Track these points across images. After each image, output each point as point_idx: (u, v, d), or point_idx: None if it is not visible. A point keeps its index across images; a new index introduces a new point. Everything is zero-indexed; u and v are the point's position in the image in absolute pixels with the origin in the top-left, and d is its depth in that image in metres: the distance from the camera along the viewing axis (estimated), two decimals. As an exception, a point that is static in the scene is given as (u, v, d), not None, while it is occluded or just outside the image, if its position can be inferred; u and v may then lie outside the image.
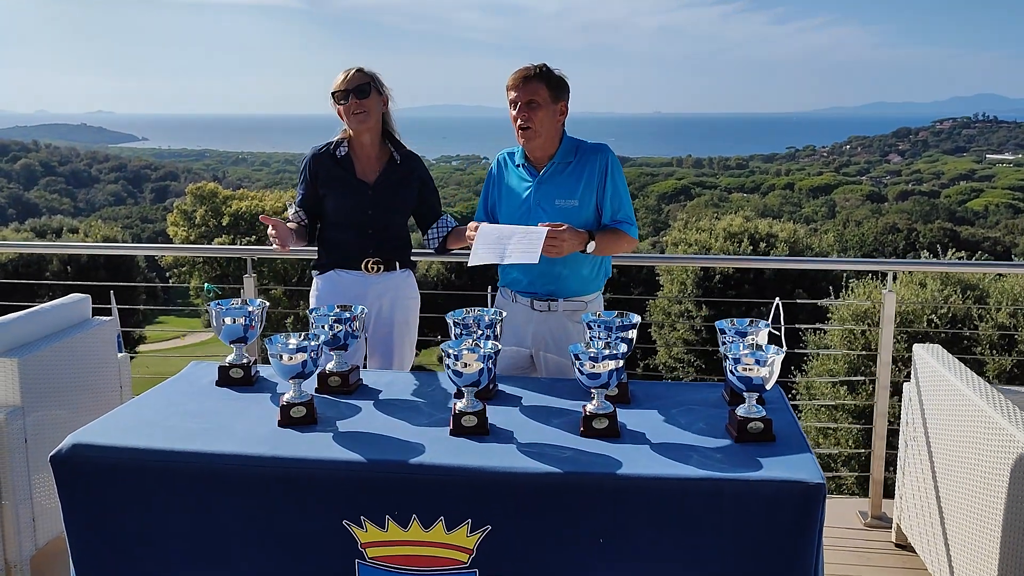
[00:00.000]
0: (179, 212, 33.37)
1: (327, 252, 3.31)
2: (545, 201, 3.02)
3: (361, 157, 3.27)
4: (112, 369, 3.60)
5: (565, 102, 3.03)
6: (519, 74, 2.96)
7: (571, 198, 3.00)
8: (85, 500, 2.20)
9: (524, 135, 2.98)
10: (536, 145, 3.02)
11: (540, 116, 2.95)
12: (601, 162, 3.02)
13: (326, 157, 3.26)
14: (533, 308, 3.09)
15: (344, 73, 3.20)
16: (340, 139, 3.28)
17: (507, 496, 2.06)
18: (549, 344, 3.08)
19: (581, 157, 3.03)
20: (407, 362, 3.42)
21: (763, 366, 2.20)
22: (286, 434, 2.27)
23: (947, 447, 2.94)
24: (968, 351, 10.33)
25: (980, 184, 76.07)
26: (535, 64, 2.98)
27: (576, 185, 3.01)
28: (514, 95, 2.97)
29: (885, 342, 3.72)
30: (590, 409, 2.27)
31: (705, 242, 18.45)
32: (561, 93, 3.01)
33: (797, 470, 2.06)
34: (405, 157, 3.31)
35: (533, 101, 2.94)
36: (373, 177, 3.26)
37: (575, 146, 3.06)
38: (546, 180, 3.04)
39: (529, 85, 2.94)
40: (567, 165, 3.03)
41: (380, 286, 3.28)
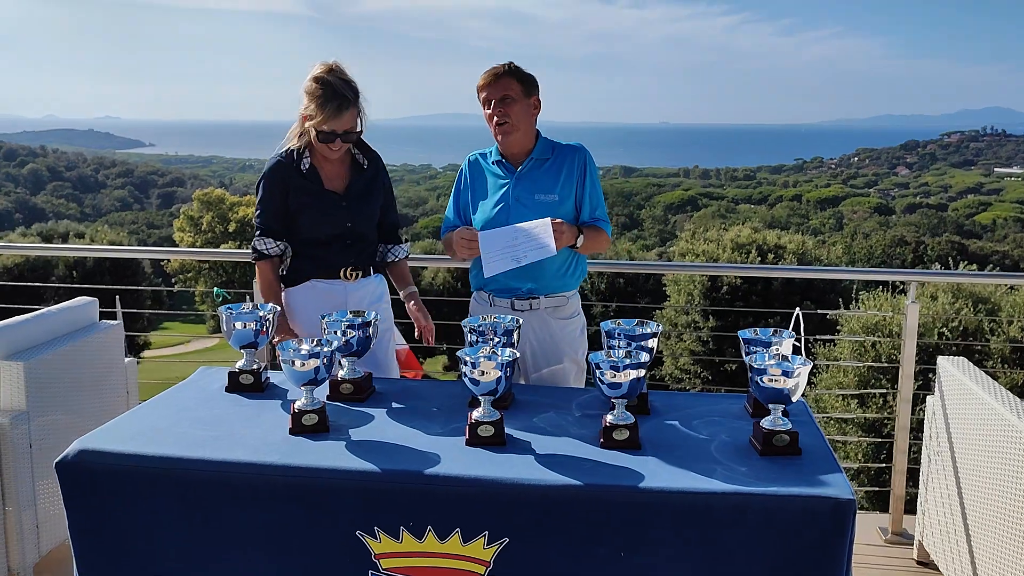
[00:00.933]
0: (185, 218, 33.47)
1: (302, 265, 3.07)
2: (524, 196, 3.03)
3: (325, 165, 3.04)
4: (119, 373, 3.54)
5: (537, 96, 3.06)
6: (489, 73, 3.00)
7: (551, 193, 3.03)
8: (90, 507, 2.14)
9: (501, 130, 3.00)
10: (513, 140, 3.03)
11: (516, 110, 2.98)
12: (580, 160, 3.07)
13: (290, 170, 2.99)
14: (514, 308, 3.07)
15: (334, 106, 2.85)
16: (300, 148, 2.99)
17: (525, 508, 2.00)
18: (533, 343, 3.07)
19: (559, 154, 3.08)
20: (392, 367, 3.25)
21: (790, 377, 2.13)
22: (298, 442, 2.21)
23: (974, 462, 2.86)
24: (980, 364, 10.23)
25: (988, 197, 75.90)
26: (502, 63, 3.02)
27: (555, 181, 3.04)
28: (486, 94, 3.00)
29: (908, 354, 3.65)
30: (610, 420, 2.21)
31: (712, 253, 18.38)
32: (532, 88, 3.04)
33: (826, 485, 1.99)
34: (370, 161, 3.13)
35: (507, 96, 2.97)
36: (342, 185, 3.05)
37: (551, 144, 3.11)
38: (524, 176, 3.06)
39: (500, 82, 2.98)
40: (544, 161, 3.06)
41: (358, 293, 3.10)
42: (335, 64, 2.94)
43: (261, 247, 3.04)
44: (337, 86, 2.87)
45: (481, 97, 3.02)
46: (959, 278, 7.96)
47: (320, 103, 2.86)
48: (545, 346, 3.06)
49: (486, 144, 3.23)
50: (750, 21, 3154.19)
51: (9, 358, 3.01)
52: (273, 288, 3.07)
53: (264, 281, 3.07)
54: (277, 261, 3.09)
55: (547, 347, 3.07)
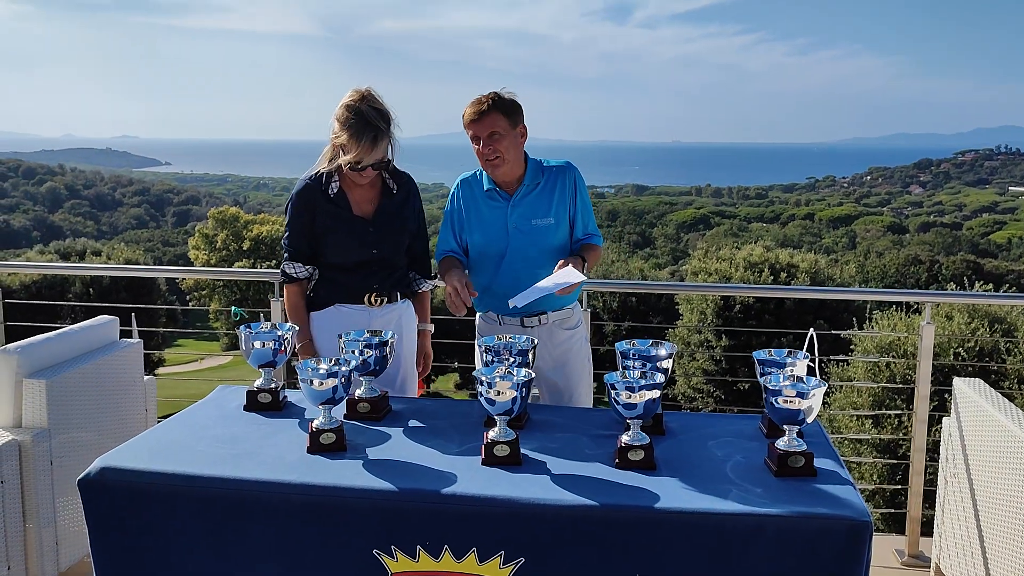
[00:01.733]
0: (200, 236, 33.68)
1: (327, 289, 3.06)
2: (522, 222, 3.08)
3: (354, 189, 3.02)
4: (138, 391, 3.58)
5: (523, 124, 3.08)
6: (474, 109, 2.99)
7: (546, 217, 3.08)
8: (112, 524, 2.17)
9: (491, 165, 3.03)
10: (504, 171, 3.06)
11: (504, 145, 3.00)
12: (569, 180, 3.13)
13: (318, 193, 2.97)
14: (524, 325, 3.13)
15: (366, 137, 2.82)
16: (330, 171, 2.97)
17: (541, 528, 2.01)
18: (544, 356, 3.13)
19: (548, 176, 3.12)
20: (412, 394, 3.25)
21: (805, 399, 2.14)
22: (315, 461, 2.23)
23: (991, 485, 2.85)
24: (996, 385, 10.16)
25: (1003, 216, 75.50)
26: (486, 95, 3.01)
27: (549, 204, 3.09)
28: (473, 131, 3.01)
29: (923, 375, 3.64)
30: (625, 440, 2.22)
31: (725, 272, 18.34)
32: (517, 117, 3.05)
33: (842, 506, 2.00)
34: (400, 186, 3.09)
35: (494, 133, 2.99)
36: (371, 209, 3.03)
37: (540, 167, 3.14)
38: (519, 203, 3.10)
39: (486, 119, 2.98)
40: (536, 186, 3.11)
41: (383, 319, 3.07)
42: (367, 91, 2.91)
43: (290, 271, 3.05)
44: (370, 116, 2.85)
45: (468, 133, 3.03)
46: (974, 299, 7.93)
47: (353, 134, 2.84)
48: (555, 356, 3.17)
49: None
50: (764, 41, 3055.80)
51: (32, 376, 3.05)
52: (299, 311, 3.06)
53: (291, 304, 3.07)
54: (305, 284, 3.08)
55: (557, 356, 3.17)
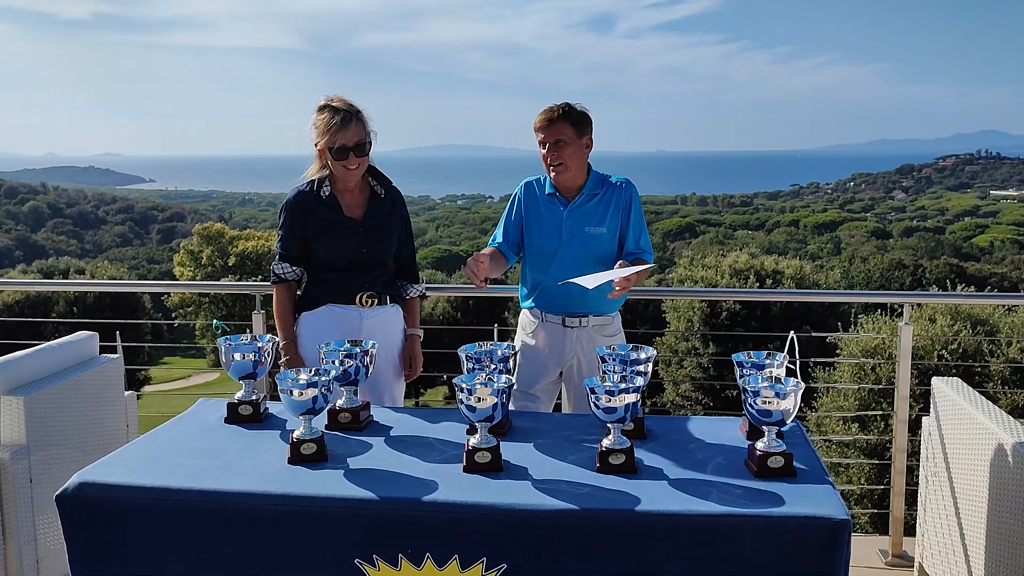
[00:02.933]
0: (186, 252, 33.56)
1: (319, 290, 3.17)
2: (576, 228, 3.22)
3: (345, 194, 3.16)
4: (119, 407, 3.56)
5: (589, 136, 3.23)
6: (544, 116, 3.16)
7: (600, 226, 3.22)
8: (91, 540, 2.15)
9: (555, 171, 3.19)
10: (567, 178, 3.22)
11: (568, 152, 3.16)
12: (626, 195, 3.26)
13: (311, 198, 3.12)
14: (565, 325, 3.24)
15: (340, 119, 2.99)
16: (321, 178, 3.13)
17: (523, 534, 2.02)
18: (580, 357, 3.25)
19: (607, 190, 3.26)
20: (398, 396, 3.32)
21: (783, 399, 2.15)
22: (296, 471, 2.23)
23: (970, 482, 2.87)
24: (980, 386, 10.23)
25: (985, 220, 76.16)
26: (558, 104, 3.17)
27: (604, 215, 3.23)
28: (542, 136, 3.18)
29: (903, 376, 3.67)
30: (606, 444, 2.23)
31: (711, 279, 18.40)
32: (584, 128, 3.20)
33: (820, 505, 2.01)
34: (388, 192, 3.23)
35: (560, 140, 3.15)
36: (360, 212, 3.16)
37: (601, 179, 3.29)
38: (576, 209, 3.24)
39: (554, 126, 3.14)
40: (594, 196, 3.25)
41: (373, 321, 3.17)
42: (334, 96, 3.11)
43: (279, 271, 3.19)
44: (338, 105, 3.05)
45: (537, 137, 3.19)
46: (954, 299, 7.99)
47: (326, 122, 3.02)
48: (591, 359, 3.21)
49: (484, 175, 3.33)
50: (746, 50, 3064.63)
51: (10, 393, 3.03)
52: (287, 311, 3.19)
53: (279, 304, 3.20)
54: (293, 286, 3.22)
55: (592, 359, 3.19)
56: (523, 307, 3.39)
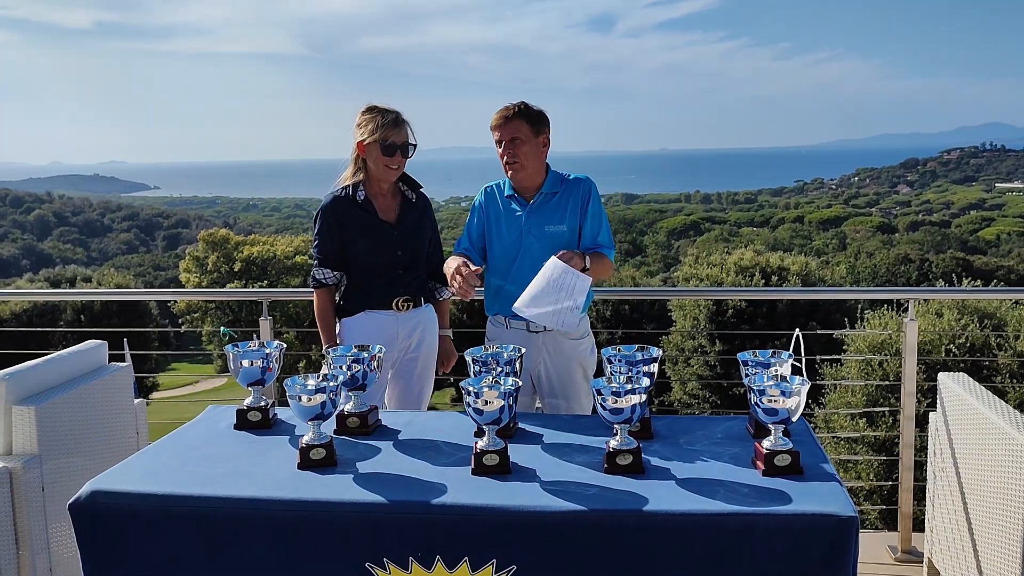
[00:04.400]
0: (191, 259, 33.62)
1: (357, 295, 3.27)
2: (536, 228, 3.20)
3: (378, 198, 3.28)
4: (129, 415, 3.58)
5: (546, 135, 3.21)
6: (500, 114, 3.15)
7: (560, 224, 3.20)
8: (104, 547, 2.17)
9: (512, 168, 3.17)
10: (523, 176, 3.20)
11: (524, 151, 3.14)
12: (583, 191, 3.23)
13: (347, 202, 3.23)
14: (530, 330, 3.21)
15: (391, 120, 3.13)
16: (355, 183, 3.25)
17: (532, 535, 2.03)
18: (548, 364, 3.22)
19: (566, 188, 3.24)
20: (428, 396, 3.45)
21: (789, 397, 2.16)
22: (306, 476, 2.24)
23: (978, 477, 2.88)
24: (988, 380, 10.20)
25: (991, 213, 75.91)
26: (514, 103, 3.16)
27: (563, 213, 3.21)
28: (498, 135, 3.16)
29: (908, 372, 3.67)
30: (613, 445, 2.24)
31: (716, 277, 18.39)
32: (541, 127, 3.18)
33: (827, 503, 2.02)
34: (418, 196, 3.36)
35: (516, 138, 3.13)
36: (394, 216, 3.28)
37: (560, 178, 3.26)
38: (535, 209, 3.22)
39: (510, 124, 3.13)
40: (553, 195, 3.23)
41: (410, 323, 3.30)
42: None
43: (319, 276, 3.28)
44: (386, 107, 3.18)
45: (494, 136, 3.17)
46: (959, 294, 7.97)
47: (379, 120, 3.14)
48: (559, 365, 3.21)
49: (487, 176, 3.37)
50: (748, 46, 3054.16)
51: (21, 403, 3.05)
52: (328, 316, 3.29)
53: (320, 309, 3.29)
54: (334, 290, 3.31)
55: (560, 366, 3.21)
56: (488, 315, 3.36)
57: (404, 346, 3.31)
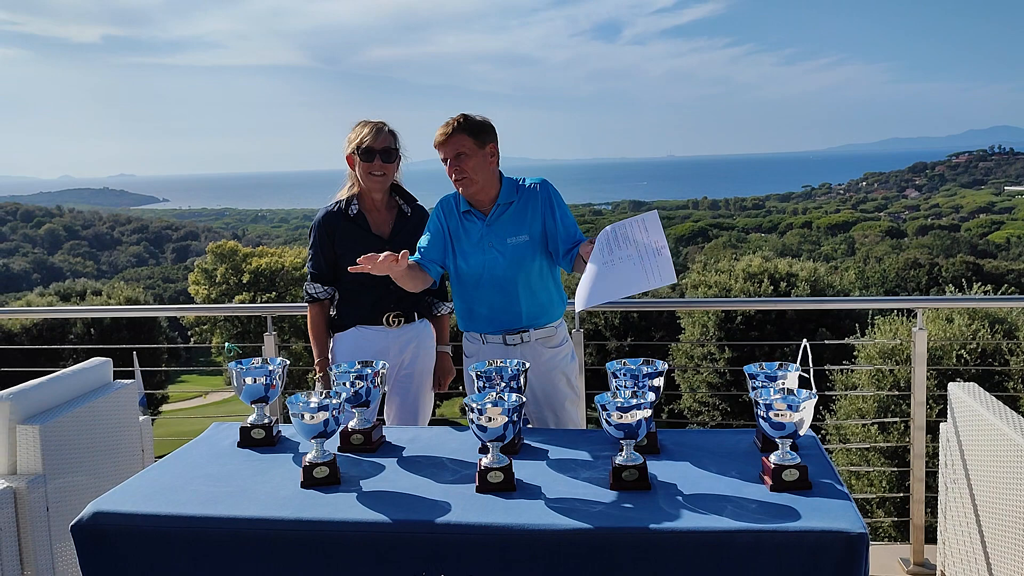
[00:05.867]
0: (200, 271, 33.71)
1: (348, 310, 3.28)
2: (497, 241, 3.09)
3: (372, 212, 3.27)
4: (134, 433, 3.57)
5: (493, 144, 3.08)
6: (441, 131, 3.03)
7: (521, 234, 3.09)
8: (107, 568, 2.15)
9: (461, 185, 3.06)
10: (475, 191, 3.08)
11: (471, 165, 3.02)
12: (543, 196, 3.12)
13: (339, 216, 3.24)
14: (506, 343, 3.13)
15: (371, 127, 3.16)
16: (350, 196, 3.26)
17: (537, 554, 2.01)
18: (529, 375, 3.10)
19: (523, 195, 3.13)
20: (428, 412, 3.42)
21: (796, 411, 2.14)
22: (309, 495, 2.23)
23: (990, 489, 2.84)
24: (1000, 386, 10.12)
25: (1000, 216, 75.57)
26: (453, 117, 3.04)
27: (523, 222, 3.10)
28: (442, 153, 3.04)
29: (918, 381, 3.63)
30: (619, 461, 2.22)
31: (725, 283, 18.33)
32: (486, 137, 3.05)
33: (837, 519, 1.99)
34: (414, 210, 3.33)
35: (460, 153, 3.01)
36: (387, 230, 3.26)
37: (515, 186, 3.15)
38: (494, 222, 3.11)
39: (452, 140, 3.00)
40: (510, 205, 3.11)
41: (402, 338, 3.28)
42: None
43: (312, 291, 3.30)
44: (371, 120, 3.22)
45: (439, 155, 3.06)
46: (966, 303, 7.89)
47: (360, 128, 3.18)
48: (541, 375, 3.14)
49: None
50: (753, 52, 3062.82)
51: (25, 422, 3.05)
52: (320, 330, 3.30)
53: (313, 323, 3.30)
54: (327, 304, 3.32)
55: (542, 376, 3.14)
56: (463, 332, 3.24)
57: (398, 362, 3.29)
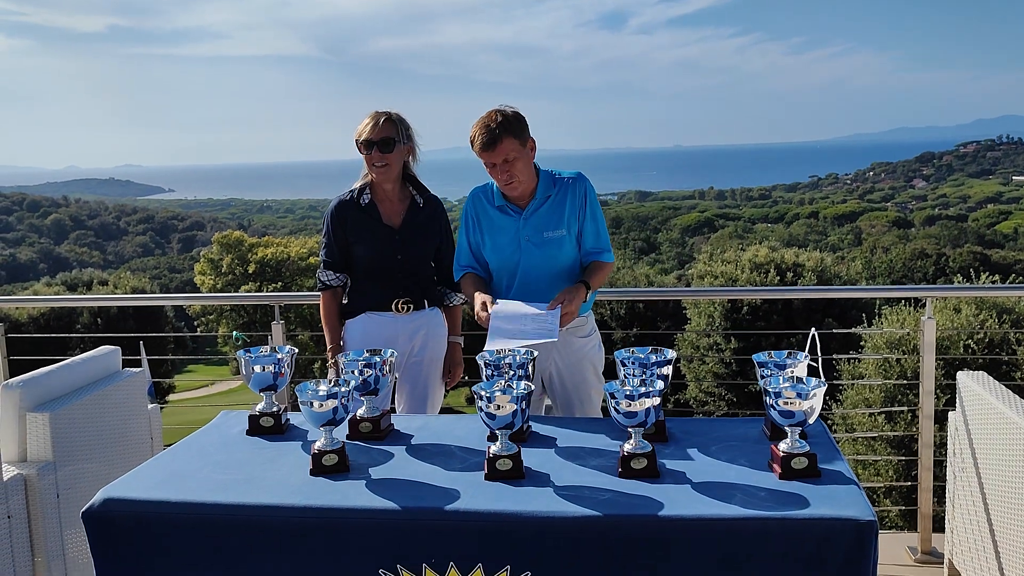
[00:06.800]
0: (206, 261, 33.76)
1: (358, 298, 3.31)
2: (534, 235, 3.07)
3: (384, 202, 3.28)
4: (143, 420, 3.59)
5: (531, 139, 3.02)
6: (482, 137, 2.91)
7: (558, 229, 3.06)
8: (118, 555, 2.17)
9: (509, 188, 3.02)
10: (521, 190, 3.05)
11: (519, 167, 2.97)
12: (580, 190, 3.09)
13: (351, 205, 3.26)
14: None
15: (372, 119, 3.16)
16: (363, 185, 3.28)
17: (546, 541, 2.01)
18: (558, 363, 3.15)
19: (560, 189, 3.09)
20: (438, 400, 3.43)
21: (805, 400, 2.13)
22: (318, 483, 2.23)
23: (999, 478, 2.84)
24: (1008, 376, 10.10)
25: (1008, 206, 75.25)
26: (493, 119, 2.93)
27: (560, 216, 3.07)
28: (487, 158, 2.95)
29: (927, 370, 3.63)
30: (628, 449, 2.22)
31: (731, 274, 18.31)
32: (525, 134, 2.99)
33: (846, 507, 1.98)
34: (427, 201, 3.33)
35: (508, 158, 2.94)
36: (398, 220, 3.27)
37: (551, 179, 3.11)
38: (530, 216, 3.08)
39: (498, 146, 2.91)
40: (547, 199, 3.08)
41: (411, 326, 3.29)
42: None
43: (324, 278, 3.33)
44: (379, 111, 3.20)
45: (481, 158, 2.97)
46: (976, 292, 7.90)
47: (365, 120, 3.18)
48: (570, 364, 3.15)
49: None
50: (760, 42, 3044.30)
51: (35, 410, 3.06)
52: (332, 317, 3.33)
53: (326, 311, 3.33)
54: (339, 291, 3.35)
55: (572, 365, 3.15)
56: None
57: (407, 349, 3.30)
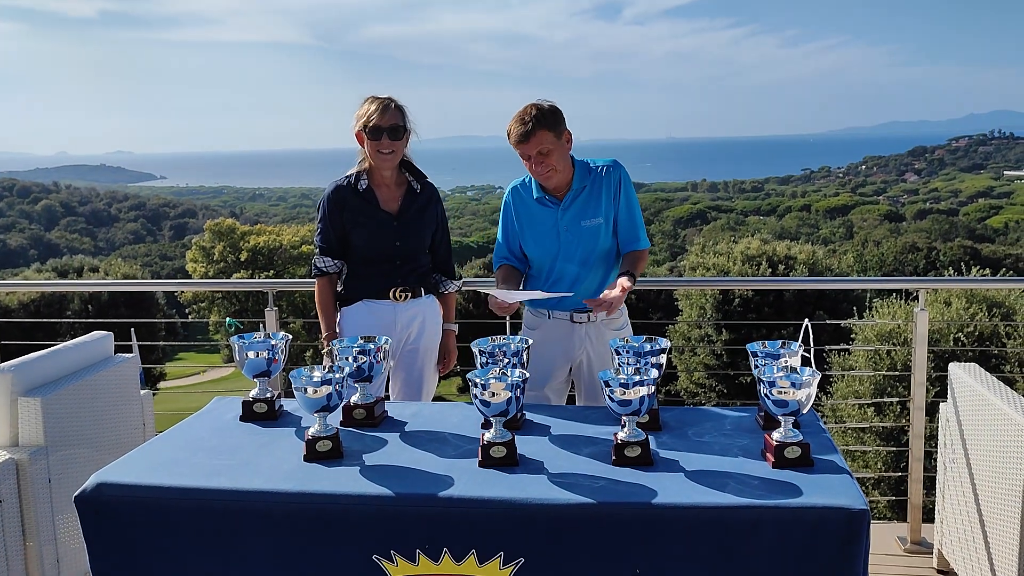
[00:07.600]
0: (198, 248, 33.68)
1: (355, 285, 3.28)
2: (572, 225, 3.13)
3: (382, 187, 3.26)
4: (135, 406, 3.57)
5: (567, 131, 3.06)
6: (518, 128, 2.96)
7: (596, 217, 3.13)
8: (110, 540, 2.16)
9: (546, 180, 3.07)
10: (558, 181, 3.11)
11: (555, 158, 3.02)
12: (615, 178, 3.15)
13: (348, 191, 3.23)
14: (573, 321, 3.18)
15: (379, 104, 3.13)
16: (359, 171, 3.25)
17: (539, 528, 2.01)
18: (590, 353, 3.20)
19: (596, 178, 3.15)
20: (432, 388, 3.42)
21: (799, 389, 2.14)
22: (312, 469, 2.23)
23: (989, 468, 2.85)
24: (997, 369, 10.16)
25: (999, 201, 75.59)
26: (528, 113, 2.97)
27: (598, 205, 3.13)
28: (522, 150, 3.00)
29: (919, 362, 3.64)
30: (621, 437, 2.22)
31: (723, 266, 18.35)
32: (561, 126, 3.03)
33: (838, 495, 2.00)
34: (423, 187, 3.32)
35: (543, 150, 2.99)
36: (396, 207, 3.25)
37: (587, 168, 3.16)
38: (569, 206, 3.14)
39: (533, 138, 2.96)
40: (583, 189, 3.14)
41: (408, 313, 3.28)
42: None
43: (320, 264, 3.29)
44: (378, 96, 3.18)
45: (516, 150, 3.02)
46: (968, 284, 7.93)
47: (368, 107, 3.14)
48: (601, 355, 3.18)
49: (494, 166, 3.30)
50: (754, 34, 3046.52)
51: (27, 394, 3.05)
52: (328, 304, 3.30)
53: (320, 297, 3.30)
54: (335, 278, 3.32)
55: (603, 355, 3.17)
56: (526, 307, 3.31)
57: (403, 336, 3.29)
